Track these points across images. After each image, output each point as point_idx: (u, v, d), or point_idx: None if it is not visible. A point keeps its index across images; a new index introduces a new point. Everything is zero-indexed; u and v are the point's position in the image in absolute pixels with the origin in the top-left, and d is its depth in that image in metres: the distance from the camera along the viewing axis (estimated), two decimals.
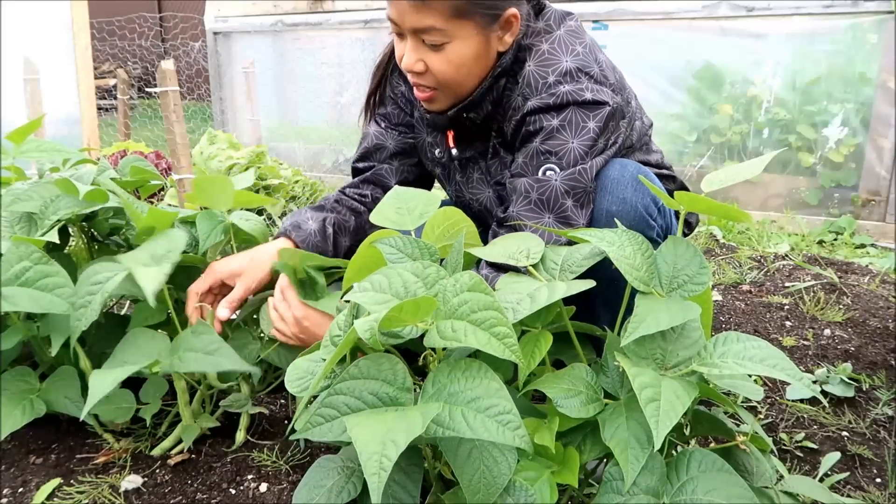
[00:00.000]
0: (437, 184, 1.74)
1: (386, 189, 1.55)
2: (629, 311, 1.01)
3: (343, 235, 1.52)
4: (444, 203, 1.56)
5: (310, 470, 1.07)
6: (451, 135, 1.51)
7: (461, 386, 0.91)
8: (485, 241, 1.26)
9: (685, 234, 1.64)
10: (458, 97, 1.40)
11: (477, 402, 0.89)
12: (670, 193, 1.56)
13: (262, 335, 1.47)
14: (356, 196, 1.62)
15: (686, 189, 1.63)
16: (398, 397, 0.93)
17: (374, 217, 1.20)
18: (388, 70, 1.58)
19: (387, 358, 0.94)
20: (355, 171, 1.65)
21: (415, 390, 0.94)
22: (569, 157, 1.27)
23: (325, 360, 1.04)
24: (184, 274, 1.46)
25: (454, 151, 1.52)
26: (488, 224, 1.57)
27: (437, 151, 1.56)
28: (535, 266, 1.11)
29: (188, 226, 1.47)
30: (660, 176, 1.53)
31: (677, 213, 1.52)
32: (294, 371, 1.07)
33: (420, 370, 1.04)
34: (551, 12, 1.42)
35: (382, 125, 1.61)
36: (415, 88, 1.40)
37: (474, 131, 1.49)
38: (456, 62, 1.32)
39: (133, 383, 1.44)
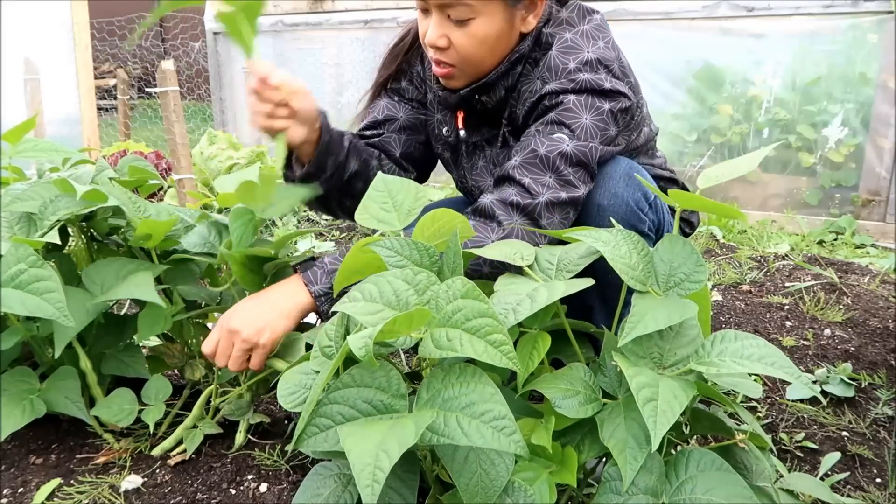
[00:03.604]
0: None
1: (390, 157, 1.56)
2: (626, 309, 1.01)
3: (354, 158, 1.46)
4: (439, 204, 1.55)
5: (306, 478, 1.06)
6: (460, 115, 1.50)
7: (456, 391, 0.90)
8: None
9: (686, 235, 1.64)
10: (476, 76, 1.40)
11: (472, 408, 0.89)
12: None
13: None
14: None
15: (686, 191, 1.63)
16: (393, 404, 0.92)
17: (359, 217, 1.18)
18: (408, 53, 1.57)
19: (380, 365, 0.94)
20: (360, 139, 1.63)
21: (410, 393, 0.94)
22: (580, 131, 1.28)
23: (317, 371, 1.03)
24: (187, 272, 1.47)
25: (462, 133, 1.51)
26: None
27: (444, 130, 1.55)
28: (529, 266, 1.10)
29: (216, 226, 1.46)
30: (661, 178, 1.54)
31: (673, 211, 1.52)
32: (285, 385, 1.05)
33: (413, 373, 1.04)
34: (576, 5, 1.42)
35: (395, 98, 1.61)
36: (434, 65, 1.40)
37: (484, 116, 1.48)
38: (479, 38, 1.33)
39: (134, 384, 1.44)
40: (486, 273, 1.22)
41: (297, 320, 1.26)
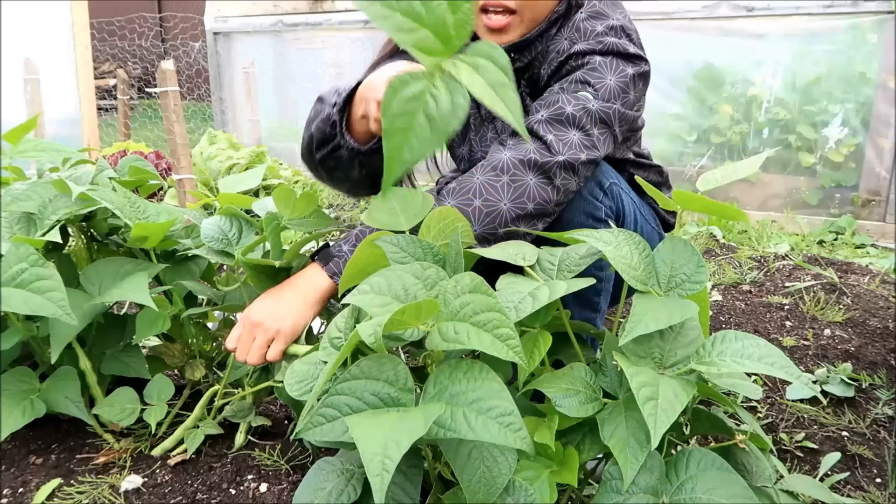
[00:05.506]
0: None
1: None
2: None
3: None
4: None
5: (309, 472, 1.07)
6: None
7: (463, 387, 0.91)
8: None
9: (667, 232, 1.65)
10: (531, 25, 1.40)
11: (478, 404, 0.89)
12: (657, 185, 1.60)
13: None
14: None
15: (668, 180, 1.67)
16: (400, 398, 0.92)
17: (366, 219, 1.18)
18: None
19: (389, 358, 0.94)
20: None
21: (415, 391, 0.94)
22: (605, 92, 1.31)
23: (325, 362, 1.04)
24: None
25: None
26: None
27: None
28: (531, 267, 1.11)
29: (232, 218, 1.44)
30: (649, 167, 1.59)
31: (655, 206, 1.56)
32: (293, 375, 1.06)
33: (418, 370, 1.04)
34: None
35: None
36: (487, 17, 1.38)
37: None
38: None
39: (135, 384, 1.44)
40: (500, 235, 1.23)
41: (318, 307, 1.26)
